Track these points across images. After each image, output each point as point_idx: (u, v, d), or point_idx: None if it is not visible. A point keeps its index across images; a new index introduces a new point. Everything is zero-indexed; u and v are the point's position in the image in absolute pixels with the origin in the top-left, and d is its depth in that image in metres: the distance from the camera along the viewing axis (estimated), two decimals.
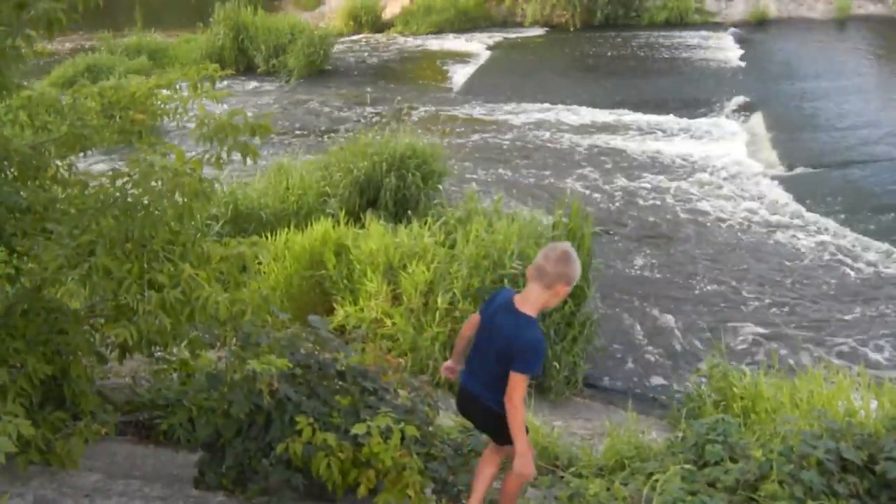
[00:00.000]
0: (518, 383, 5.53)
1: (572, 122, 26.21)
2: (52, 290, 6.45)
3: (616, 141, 24.32)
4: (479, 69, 33.81)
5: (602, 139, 24.52)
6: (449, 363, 6.28)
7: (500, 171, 22.00)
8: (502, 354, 5.62)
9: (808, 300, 15.11)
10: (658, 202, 19.74)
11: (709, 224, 18.50)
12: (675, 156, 22.85)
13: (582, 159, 22.91)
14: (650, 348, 13.66)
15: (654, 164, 22.25)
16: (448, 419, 7.34)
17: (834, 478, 6.16)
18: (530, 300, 5.72)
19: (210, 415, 5.95)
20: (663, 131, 24.98)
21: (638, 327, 14.21)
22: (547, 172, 21.81)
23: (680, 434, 7.91)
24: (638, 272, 16.28)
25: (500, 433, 5.80)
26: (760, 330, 14.11)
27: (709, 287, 15.64)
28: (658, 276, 16.13)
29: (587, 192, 20.15)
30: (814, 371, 10.00)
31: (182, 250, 5.88)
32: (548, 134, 25.17)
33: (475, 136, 25.26)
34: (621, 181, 21.10)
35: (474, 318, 6.14)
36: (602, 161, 22.69)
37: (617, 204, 19.73)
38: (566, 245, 5.87)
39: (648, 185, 20.76)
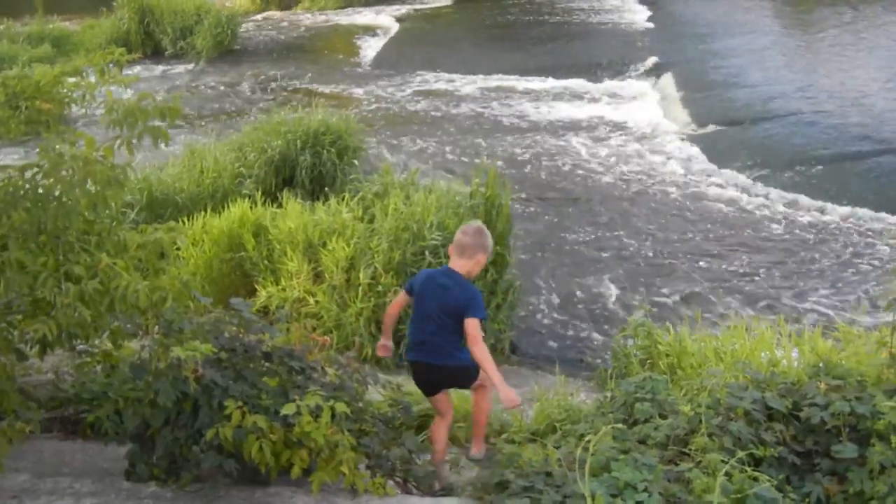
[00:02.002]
0: (477, 326, 6.62)
1: (485, 90, 26.30)
2: None
3: (529, 107, 24.43)
4: (389, 42, 33.72)
5: (515, 106, 24.61)
6: (383, 342, 7.26)
7: (416, 143, 21.97)
8: (453, 310, 6.70)
9: (727, 255, 15.34)
10: (574, 166, 19.86)
11: (626, 185, 18.67)
12: (588, 119, 23.03)
13: (496, 127, 22.98)
14: (575, 311, 13.75)
15: (568, 129, 22.38)
16: (377, 394, 7.33)
17: (761, 427, 6.28)
18: (457, 270, 6.91)
19: (137, 405, 5.85)
20: (576, 95, 25.17)
21: (561, 291, 14.30)
22: (462, 142, 21.83)
23: (608, 394, 7.99)
24: (558, 237, 16.36)
25: (468, 379, 7.14)
26: (682, 287, 14.29)
27: (629, 248, 15.79)
28: (578, 239, 16.23)
29: (503, 159, 20.19)
30: (736, 324, 10.13)
31: (98, 240, 5.78)
32: (461, 104, 25.20)
33: (388, 110, 25.21)
34: (536, 147, 21.19)
35: (402, 297, 7.23)
36: (516, 128, 22.78)
37: (533, 170, 19.81)
38: (478, 222, 7.43)
39: (564, 150, 20.88)
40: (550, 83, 26.27)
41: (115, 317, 5.94)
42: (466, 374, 7.05)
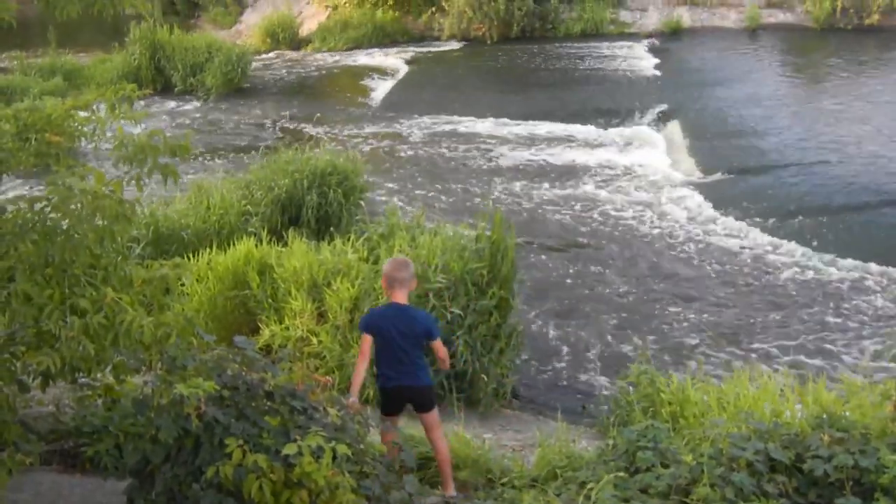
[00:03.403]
0: (441, 344, 8.18)
1: (492, 135, 26.32)
2: None
3: (536, 152, 24.47)
4: (397, 84, 33.84)
5: (522, 151, 24.66)
6: (354, 400, 7.46)
7: (422, 184, 22.04)
8: (418, 337, 7.96)
9: (731, 304, 15.32)
10: (579, 212, 19.90)
11: (630, 232, 18.68)
12: (594, 165, 23.06)
13: (503, 171, 23.03)
14: (577, 357, 13.73)
15: (574, 174, 22.43)
16: (378, 436, 7.31)
17: (764, 478, 6.25)
18: (403, 303, 8.10)
19: (137, 441, 5.84)
20: (582, 141, 25.19)
21: (564, 337, 14.29)
22: (468, 185, 21.89)
23: (610, 441, 7.95)
24: (562, 282, 16.38)
25: (432, 399, 8.23)
26: (685, 335, 14.27)
27: (632, 295, 15.78)
28: (582, 285, 16.24)
29: (509, 203, 20.24)
30: (739, 374, 10.10)
31: (104, 274, 5.79)
32: (468, 147, 25.26)
33: (396, 151, 25.29)
34: (542, 192, 21.24)
35: (368, 339, 7.95)
36: (523, 172, 22.83)
37: (538, 215, 19.85)
38: (401, 256, 9.24)
39: (569, 195, 20.92)
40: (557, 128, 26.30)
41: (118, 351, 5.95)
42: (431, 393, 8.33)
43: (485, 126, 27.19)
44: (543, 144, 25.13)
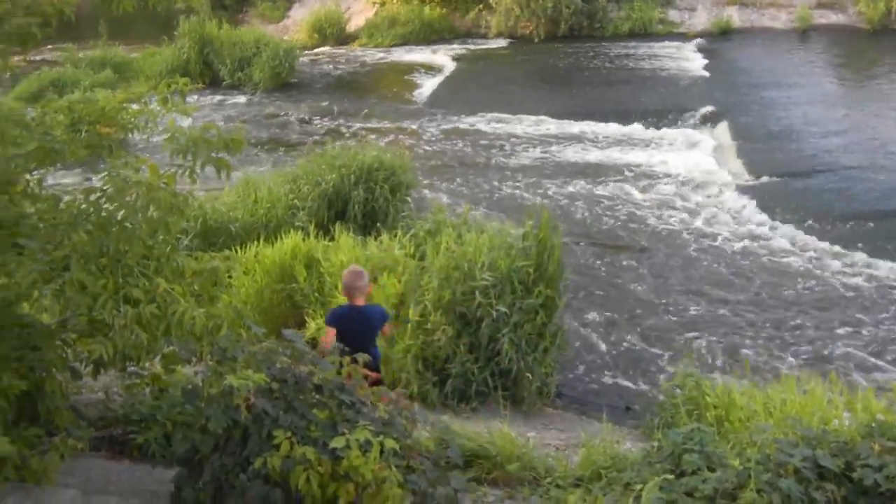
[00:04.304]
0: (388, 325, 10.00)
1: (539, 133, 26.26)
2: (25, 305, 6.39)
3: (582, 151, 24.39)
4: (444, 81, 33.81)
5: (568, 150, 24.58)
6: None
7: (469, 182, 22.03)
8: (375, 329, 9.56)
9: (777, 308, 15.20)
10: (625, 212, 19.81)
11: (676, 233, 18.58)
12: (641, 166, 22.93)
13: (549, 170, 22.97)
14: (622, 358, 13.69)
15: (621, 174, 22.32)
16: (426, 431, 7.31)
17: (811, 485, 6.18)
18: (362, 304, 9.51)
19: (186, 430, 5.89)
20: (629, 141, 25.05)
21: (609, 337, 14.25)
22: (515, 183, 21.85)
23: (655, 443, 7.91)
24: (606, 282, 16.32)
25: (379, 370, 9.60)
26: (731, 338, 14.18)
27: (678, 296, 15.70)
28: (627, 285, 16.17)
29: (554, 202, 20.19)
30: (786, 379, 10.02)
31: (157, 265, 5.86)
32: (514, 145, 25.22)
33: (442, 148, 25.29)
34: (588, 191, 21.17)
35: (332, 331, 9.12)
36: (569, 171, 22.76)
37: (584, 214, 19.79)
38: (355, 265, 10.16)
39: (615, 195, 20.84)
40: (604, 128, 26.19)
41: (168, 341, 6.00)
42: (378, 364, 9.66)
43: (531, 124, 27.11)
44: (590, 144, 25.04)
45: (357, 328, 9.26)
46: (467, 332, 11.53)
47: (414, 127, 27.61)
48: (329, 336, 9.07)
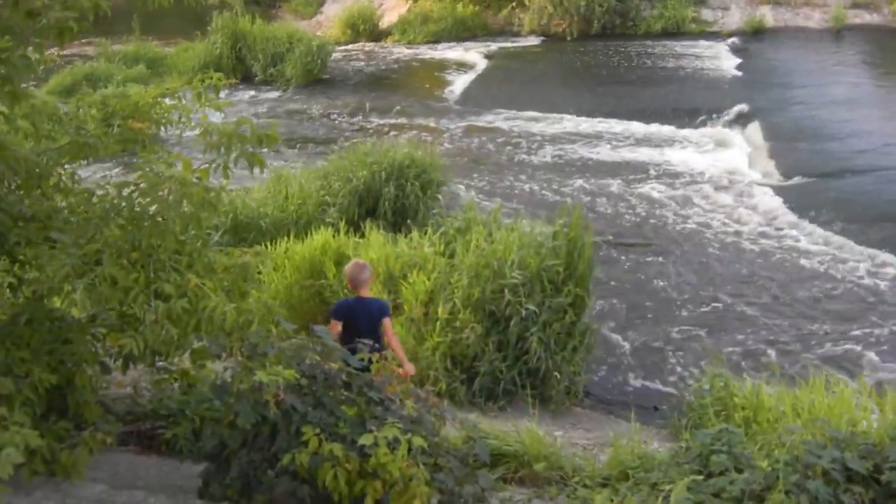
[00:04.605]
0: (389, 324, 9.82)
1: (571, 132, 26.20)
2: (55, 299, 6.44)
3: (614, 150, 24.33)
4: (477, 78, 33.76)
5: (600, 148, 24.53)
6: None
7: (499, 180, 22.01)
8: (376, 320, 9.60)
9: (807, 310, 15.11)
10: (656, 211, 19.75)
11: (707, 234, 18.50)
12: (673, 165, 22.85)
13: (580, 168, 22.93)
14: (650, 358, 13.66)
15: (652, 174, 22.25)
16: (454, 429, 7.33)
17: (840, 488, 6.16)
18: (366, 296, 9.86)
19: (215, 425, 5.91)
20: (661, 140, 24.95)
21: (637, 337, 14.21)
22: (545, 182, 21.82)
23: (683, 444, 7.90)
24: (636, 282, 16.27)
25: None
26: (760, 339, 14.12)
27: (708, 296, 15.64)
28: (657, 285, 16.12)
29: (586, 200, 20.12)
30: (814, 381, 9.98)
31: (188, 260, 5.89)
32: (546, 143, 25.16)
33: (474, 146, 25.28)
34: (619, 190, 21.11)
35: (338, 324, 9.46)
36: (599, 170, 22.70)
37: (615, 213, 19.74)
38: (357, 259, 10.50)
39: (646, 195, 20.77)
40: (637, 127, 26.10)
41: (198, 337, 6.03)
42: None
43: (563, 123, 27.06)
44: (622, 142, 24.97)
45: (363, 319, 9.60)
46: (496, 331, 11.56)
47: (445, 124, 27.61)
48: (334, 328, 9.33)
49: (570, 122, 27.02)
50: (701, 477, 6.56)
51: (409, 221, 14.70)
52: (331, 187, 15.76)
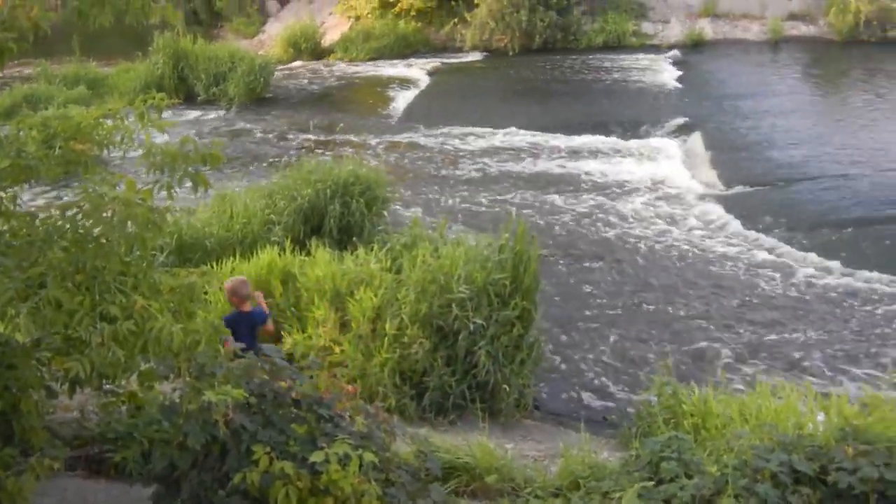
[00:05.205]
0: (271, 323, 11.18)
1: (514, 146, 26.32)
2: None
3: (556, 163, 24.47)
4: (419, 94, 33.83)
5: (543, 162, 24.66)
6: None
7: (444, 195, 22.06)
8: (257, 327, 10.61)
9: (752, 317, 15.28)
10: (600, 224, 19.88)
11: (651, 244, 18.66)
12: (615, 177, 23.03)
13: (525, 182, 23.04)
14: (598, 368, 13.73)
15: (596, 186, 22.42)
16: (404, 444, 7.33)
17: (788, 490, 6.25)
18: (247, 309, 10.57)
19: (164, 447, 5.87)
20: (604, 153, 25.14)
21: (585, 348, 14.29)
22: (490, 196, 21.90)
23: (633, 452, 7.96)
24: (582, 294, 16.37)
25: None
26: (706, 347, 14.24)
27: (653, 306, 15.77)
28: (603, 296, 16.23)
29: (531, 214, 20.22)
30: (761, 386, 10.10)
31: (134, 281, 5.83)
32: (490, 158, 25.26)
33: (418, 162, 25.32)
34: (563, 203, 21.24)
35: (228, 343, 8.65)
36: (545, 184, 22.82)
37: (560, 226, 19.85)
38: (238, 276, 11.25)
39: (590, 207, 20.91)
40: (579, 140, 26.26)
41: (145, 358, 5.99)
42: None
43: (507, 137, 27.17)
44: (565, 156, 25.11)
45: (245, 328, 10.29)
46: (444, 345, 11.59)
47: (389, 141, 27.64)
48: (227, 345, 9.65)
49: (513, 137, 27.14)
50: (651, 484, 6.61)
51: (354, 238, 14.67)
52: (276, 206, 15.69)
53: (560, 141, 26.36)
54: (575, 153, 25.28)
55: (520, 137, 27.06)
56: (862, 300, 15.74)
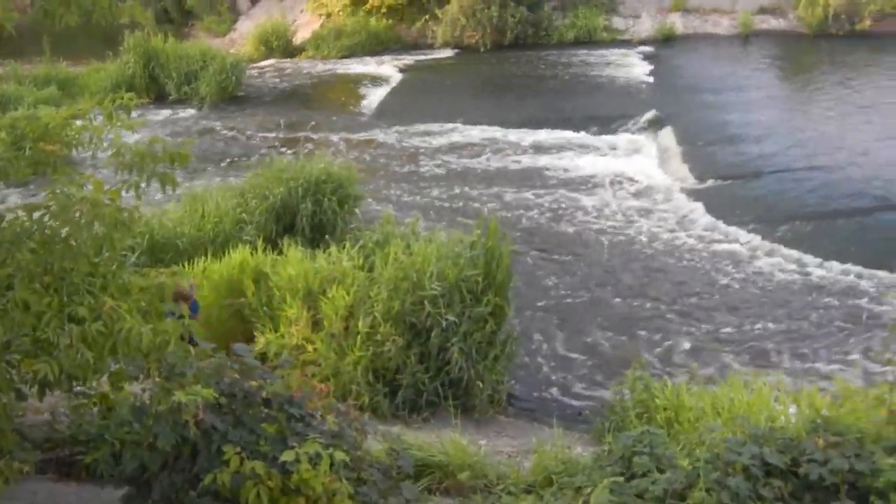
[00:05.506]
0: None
1: (485, 142, 26.30)
2: None
3: (530, 159, 24.47)
4: (391, 91, 33.78)
5: (516, 158, 24.66)
6: None
7: (416, 192, 22.04)
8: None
9: (724, 309, 15.36)
10: (573, 219, 19.92)
11: (624, 238, 18.70)
12: (588, 172, 23.06)
13: (496, 178, 23.03)
14: (572, 364, 13.76)
15: (566, 181, 22.44)
16: (376, 443, 7.32)
17: (759, 482, 6.26)
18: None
19: (135, 448, 5.84)
20: (576, 148, 25.17)
21: (559, 343, 14.32)
22: (462, 192, 21.90)
23: (606, 447, 7.97)
24: (556, 289, 16.39)
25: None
26: (679, 340, 14.31)
27: (626, 300, 15.81)
28: (576, 291, 16.26)
29: (503, 210, 20.25)
30: (734, 379, 10.15)
31: (102, 282, 5.80)
32: (461, 154, 25.26)
33: (390, 159, 25.28)
34: (535, 198, 21.25)
35: None
36: (515, 179, 22.83)
37: (532, 222, 19.87)
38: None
39: (562, 202, 20.94)
40: (550, 135, 26.31)
41: (115, 360, 5.95)
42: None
43: (478, 133, 27.16)
44: (537, 151, 25.11)
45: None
46: (417, 343, 11.59)
47: (361, 138, 27.58)
48: None
49: (485, 133, 27.14)
50: (623, 479, 6.63)
51: (327, 236, 14.64)
52: (248, 205, 15.65)
53: (531, 136, 26.36)
54: (546, 149, 25.29)
55: (491, 133, 27.05)
56: (831, 291, 15.85)
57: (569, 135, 26.18)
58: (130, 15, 6.79)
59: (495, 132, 27.12)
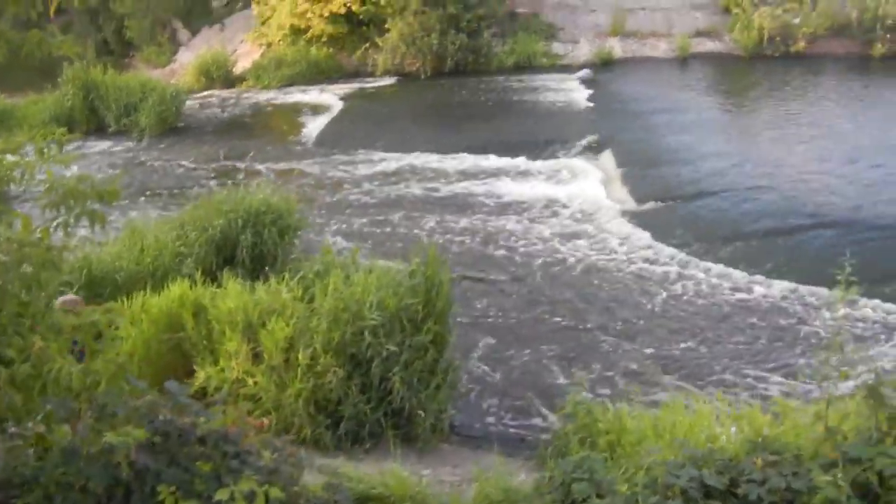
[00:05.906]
0: None
1: (426, 169, 26.33)
2: None
3: (470, 185, 24.52)
4: (332, 120, 33.73)
5: (457, 185, 24.70)
6: None
7: (357, 221, 22.02)
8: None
9: (666, 331, 15.47)
10: (514, 245, 19.98)
11: (565, 263, 18.79)
12: (528, 197, 23.15)
13: (436, 206, 23.07)
14: (515, 390, 13.77)
15: (509, 207, 22.54)
16: (313, 477, 7.28)
17: None
18: None
19: (67, 491, 5.77)
20: (516, 174, 25.24)
21: (501, 370, 14.33)
22: (402, 220, 21.91)
23: (548, 474, 8.00)
24: (497, 315, 16.43)
25: None
26: (621, 363, 14.38)
27: (569, 326, 15.88)
28: (518, 318, 16.30)
29: (443, 238, 20.29)
30: (675, 401, 10.21)
31: (32, 322, 5.74)
32: (403, 182, 25.28)
33: (330, 188, 25.24)
34: (476, 225, 21.32)
35: None
36: (456, 206, 22.88)
37: (473, 248, 19.91)
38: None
39: (503, 228, 21.01)
40: (491, 161, 26.38)
41: (48, 400, 5.88)
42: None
43: (418, 160, 27.17)
44: (478, 178, 25.16)
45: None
46: (358, 373, 11.57)
47: (301, 168, 27.52)
48: None
49: (424, 160, 27.16)
50: None
51: (267, 268, 14.57)
52: (187, 237, 15.51)
53: (470, 162, 26.45)
54: (485, 175, 25.35)
55: (430, 160, 27.07)
56: (771, 310, 16.04)
57: (509, 160, 26.22)
58: (60, 49, 6.75)
59: (434, 159, 27.14)
